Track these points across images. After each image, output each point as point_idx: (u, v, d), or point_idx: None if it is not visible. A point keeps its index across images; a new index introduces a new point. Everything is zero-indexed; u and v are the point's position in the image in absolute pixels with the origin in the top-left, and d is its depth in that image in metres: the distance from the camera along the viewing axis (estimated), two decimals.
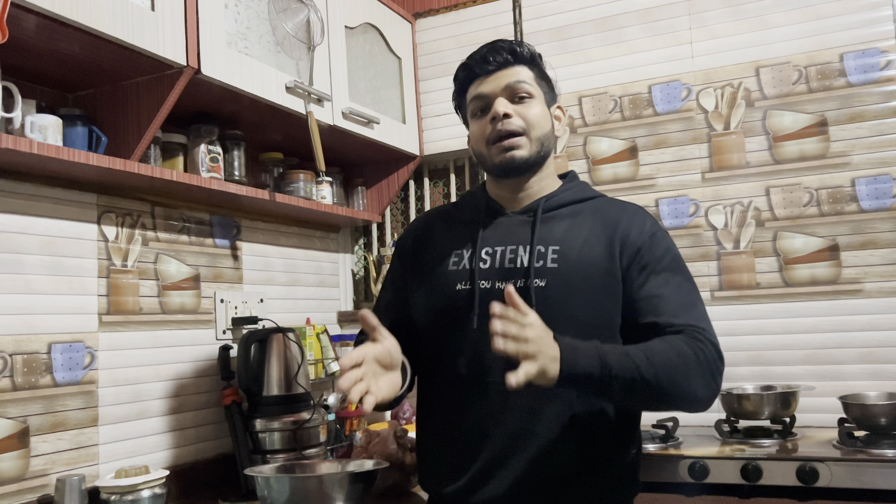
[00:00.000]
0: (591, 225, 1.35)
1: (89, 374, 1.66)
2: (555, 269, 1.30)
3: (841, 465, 1.57)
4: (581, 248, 1.32)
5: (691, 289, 1.31)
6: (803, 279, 2.07)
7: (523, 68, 1.38)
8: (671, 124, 2.25)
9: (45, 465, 1.55)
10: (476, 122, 1.39)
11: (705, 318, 1.27)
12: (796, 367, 2.05)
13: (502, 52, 1.37)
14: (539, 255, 1.32)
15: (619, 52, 2.33)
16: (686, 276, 1.32)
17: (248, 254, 2.18)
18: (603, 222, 1.35)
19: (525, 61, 1.39)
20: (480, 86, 1.38)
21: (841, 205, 2.05)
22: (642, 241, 1.31)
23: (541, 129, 1.36)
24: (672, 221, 2.22)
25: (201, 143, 1.84)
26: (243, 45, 1.78)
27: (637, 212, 1.38)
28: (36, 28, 1.36)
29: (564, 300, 1.28)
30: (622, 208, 1.39)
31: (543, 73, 1.42)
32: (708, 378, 1.21)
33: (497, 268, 1.34)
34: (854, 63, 2.06)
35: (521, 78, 1.36)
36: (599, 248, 1.31)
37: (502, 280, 1.32)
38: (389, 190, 2.55)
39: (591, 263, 1.30)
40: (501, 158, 1.35)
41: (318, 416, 1.94)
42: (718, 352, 1.24)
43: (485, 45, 1.40)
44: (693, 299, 1.29)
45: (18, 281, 1.54)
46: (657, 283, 1.28)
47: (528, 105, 1.36)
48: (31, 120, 1.45)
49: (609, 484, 1.30)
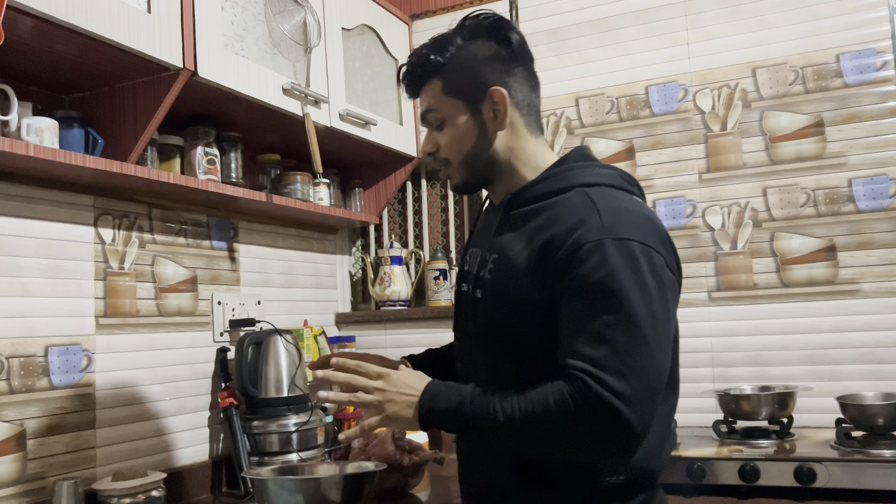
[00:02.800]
0: (533, 230, 1.15)
1: (86, 376, 1.66)
2: (488, 280, 1.20)
3: (838, 465, 1.58)
4: (514, 256, 1.16)
5: (614, 320, 1.02)
6: (800, 280, 2.07)
7: (431, 86, 1.24)
8: (668, 125, 2.25)
9: (42, 468, 1.54)
10: None
11: (618, 358, 1.00)
12: (794, 368, 2.05)
13: (408, 75, 1.26)
14: (482, 263, 1.22)
15: (615, 52, 2.33)
16: (616, 302, 1.03)
17: (246, 256, 2.17)
18: (542, 226, 1.14)
19: (431, 75, 1.23)
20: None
21: (838, 205, 2.05)
22: (561, 255, 1.08)
23: (461, 153, 1.22)
24: (669, 222, 2.22)
25: (198, 145, 1.84)
26: (240, 46, 1.78)
27: (581, 218, 1.10)
28: (32, 30, 1.35)
29: (492, 314, 1.18)
30: (574, 212, 1.12)
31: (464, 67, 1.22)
32: (584, 434, 1.02)
33: (469, 272, 1.28)
34: (850, 64, 2.06)
35: (429, 104, 1.24)
36: (523, 259, 1.14)
37: (468, 285, 1.26)
38: (387, 191, 2.55)
39: (512, 276, 1.15)
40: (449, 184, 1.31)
41: (317, 419, 1.94)
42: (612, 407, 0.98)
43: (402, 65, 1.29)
44: (609, 334, 1.02)
45: (15, 284, 1.53)
46: (570, 311, 1.07)
47: (444, 132, 1.24)
48: (28, 122, 1.45)
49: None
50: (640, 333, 1.03)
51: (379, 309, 2.54)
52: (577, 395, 1.01)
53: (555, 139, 2.38)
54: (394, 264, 2.50)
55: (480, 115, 1.21)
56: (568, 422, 1.02)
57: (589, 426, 1.01)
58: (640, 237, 1.09)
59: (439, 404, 1.11)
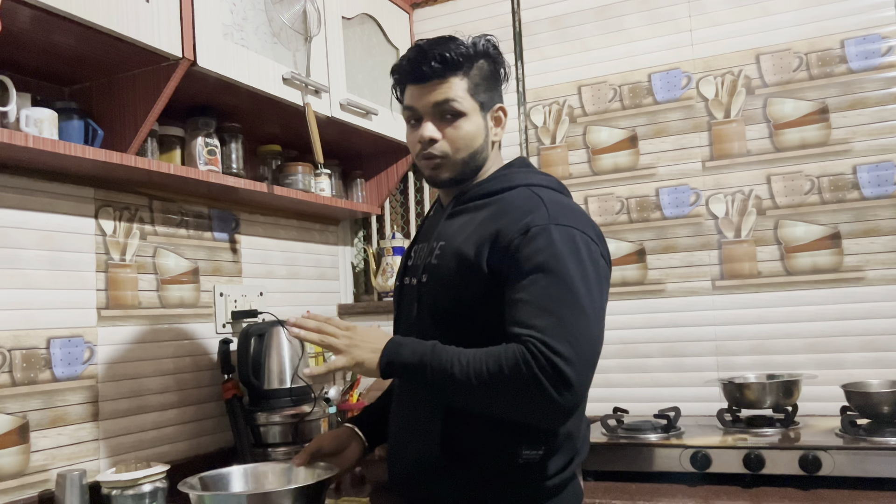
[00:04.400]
0: (482, 219, 1.29)
1: (89, 368, 1.66)
2: (434, 265, 1.32)
3: (844, 453, 1.57)
4: (460, 243, 1.28)
5: (558, 294, 1.15)
6: (805, 267, 2.06)
7: (455, 80, 1.31)
8: (671, 113, 2.24)
9: (45, 460, 1.54)
10: (409, 131, 1.39)
11: (564, 328, 1.12)
12: (798, 356, 2.05)
13: (431, 63, 1.30)
14: (429, 252, 1.35)
15: (618, 40, 2.31)
16: (559, 278, 1.16)
17: (247, 247, 2.17)
18: (492, 216, 1.28)
19: (458, 69, 1.31)
20: (412, 96, 1.35)
21: (842, 192, 2.04)
22: (512, 238, 1.21)
23: (468, 150, 1.34)
24: (673, 211, 2.21)
25: (198, 136, 1.83)
26: (240, 36, 1.77)
27: (529, 208, 1.26)
28: (30, 20, 1.34)
29: (436, 295, 1.30)
30: (519, 203, 1.28)
31: (484, 77, 1.35)
32: (535, 393, 1.10)
33: (414, 265, 1.40)
34: (855, 49, 2.04)
35: (450, 95, 1.31)
36: (472, 242, 1.26)
37: (411, 276, 1.39)
38: (388, 182, 2.54)
39: (459, 259, 1.27)
40: (428, 174, 1.39)
41: (320, 410, 1.94)
42: (557, 367, 1.10)
43: (418, 48, 1.33)
44: (553, 306, 1.14)
45: (17, 276, 1.53)
46: (519, 287, 1.18)
47: (456, 125, 1.32)
48: (27, 114, 1.44)
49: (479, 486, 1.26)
50: (581, 307, 1.16)
51: (381, 300, 2.53)
52: (529, 357, 1.11)
53: (557, 128, 2.37)
54: (396, 255, 2.49)
55: (487, 122, 1.37)
56: (517, 381, 1.12)
57: (536, 385, 1.11)
58: (580, 227, 1.25)
59: (403, 354, 1.21)
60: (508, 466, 1.25)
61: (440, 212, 1.44)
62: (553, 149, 2.37)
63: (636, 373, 2.21)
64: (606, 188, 2.30)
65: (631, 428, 1.84)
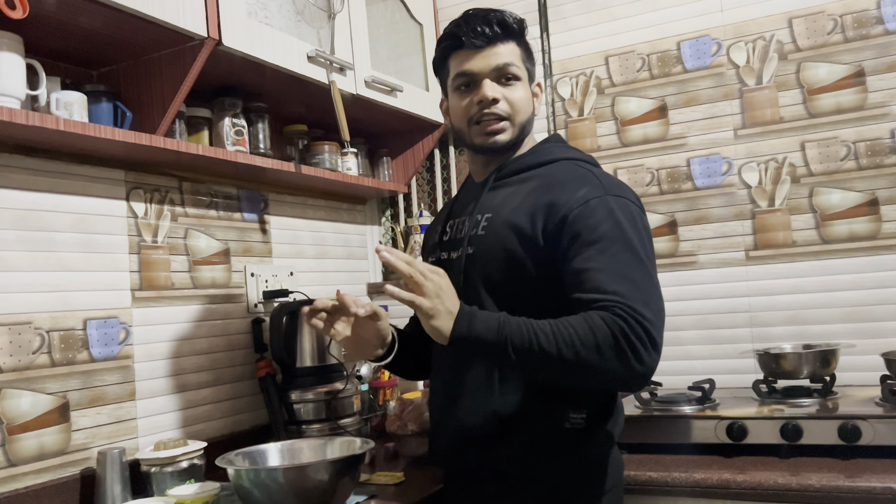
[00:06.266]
0: (529, 190, 1.31)
1: (125, 349, 1.68)
2: (482, 235, 1.32)
3: (884, 422, 1.54)
4: (509, 214, 1.30)
5: (629, 260, 1.19)
6: (841, 235, 2.02)
7: (512, 45, 1.36)
8: (701, 81, 2.20)
9: (86, 438, 1.57)
10: (459, 98, 1.38)
11: (641, 292, 1.15)
12: (835, 326, 2.01)
13: (492, 26, 1.33)
14: (474, 224, 1.35)
15: (645, 8, 2.27)
16: (626, 245, 1.20)
17: (277, 227, 2.18)
18: (541, 187, 1.30)
19: (514, 36, 1.36)
20: (467, 61, 1.35)
21: (880, 158, 1.99)
22: (570, 208, 1.23)
23: (524, 114, 1.38)
24: (704, 181, 2.17)
25: (225, 117, 1.83)
26: (263, 14, 1.76)
27: (582, 180, 1.29)
28: (57, 4, 1.35)
29: (485, 265, 1.30)
30: (569, 175, 1.31)
31: (529, 50, 1.41)
32: (627, 356, 1.11)
33: (452, 239, 1.40)
34: (892, 9, 1.98)
35: (510, 60, 1.35)
36: (524, 213, 1.28)
37: (450, 251, 1.39)
38: (415, 160, 2.53)
39: (511, 228, 1.28)
40: (483, 141, 1.37)
41: (352, 387, 1.95)
42: (647, 329, 1.12)
43: (473, 14, 1.35)
44: (628, 272, 1.17)
45: (52, 259, 1.55)
46: (587, 256, 1.19)
47: (514, 88, 1.36)
48: (56, 97, 1.45)
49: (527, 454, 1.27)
50: (648, 272, 1.20)
51: None
52: (620, 322, 1.11)
53: (585, 99, 2.34)
54: (424, 233, 2.48)
55: (531, 94, 1.40)
56: (610, 346, 1.11)
57: (630, 348, 1.11)
58: (632, 197, 1.29)
59: (476, 328, 1.15)
60: (555, 433, 1.27)
61: (474, 187, 1.45)
62: (581, 121, 2.34)
63: (669, 346, 2.18)
64: (636, 160, 2.27)
65: (665, 400, 1.82)
